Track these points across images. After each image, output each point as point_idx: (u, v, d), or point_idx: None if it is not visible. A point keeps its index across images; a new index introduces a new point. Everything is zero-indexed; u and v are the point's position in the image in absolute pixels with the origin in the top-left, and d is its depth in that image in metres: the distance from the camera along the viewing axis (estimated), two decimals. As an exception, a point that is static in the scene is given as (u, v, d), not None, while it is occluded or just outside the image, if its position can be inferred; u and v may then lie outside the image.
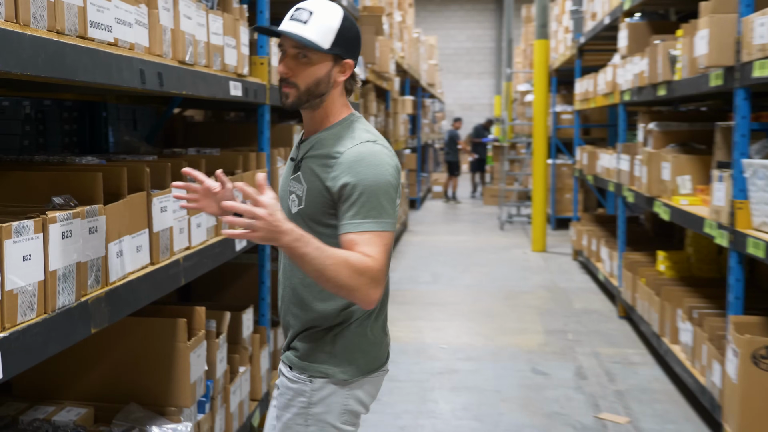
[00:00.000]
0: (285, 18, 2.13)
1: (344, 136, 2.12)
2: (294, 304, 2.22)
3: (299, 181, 2.15)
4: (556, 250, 10.29)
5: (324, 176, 2.08)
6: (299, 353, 2.21)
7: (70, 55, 2.08)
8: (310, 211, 2.11)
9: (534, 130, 10.36)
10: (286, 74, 2.10)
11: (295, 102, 2.12)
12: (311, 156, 2.14)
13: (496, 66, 28.00)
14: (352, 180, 2.03)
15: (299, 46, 2.07)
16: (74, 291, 2.14)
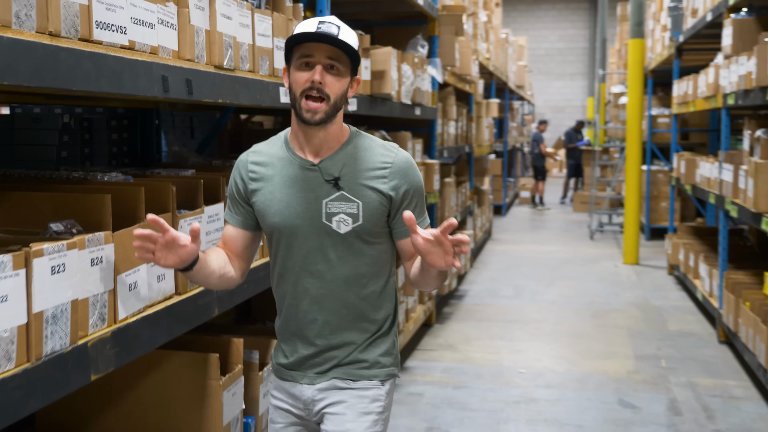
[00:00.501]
0: (305, 29, 2.06)
1: (372, 147, 2.17)
2: (351, 320, 2.19)
3: (346, 200, 2.11)
4: (649, 262, 9.68)
5: (382, 187, 2.12)
6: (368, 363, 2.22)
7: (66, 60, 1.79)
8: (369, 225, 2.12)
9: (628, 134, 9.78)
10: (321, 83, 2.04)
11: (324, 117, 2.07)
12: (353, 172, 2.12)
13: (589, 67, 27.17)
14: (409, 185, 2.15)
15: (335, 56, 2.06)
16: (68, 333, 1.85)
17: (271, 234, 2.17)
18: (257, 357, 3.02)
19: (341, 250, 2.12)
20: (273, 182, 2.15)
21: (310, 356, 2.19)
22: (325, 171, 2.11)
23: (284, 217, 2.12)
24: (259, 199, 2.16)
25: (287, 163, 2.14)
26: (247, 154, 2.22)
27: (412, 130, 6.27)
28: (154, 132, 3.95)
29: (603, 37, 20.21)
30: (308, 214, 2.11)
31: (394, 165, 2.13)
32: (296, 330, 2.20)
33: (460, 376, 5.30)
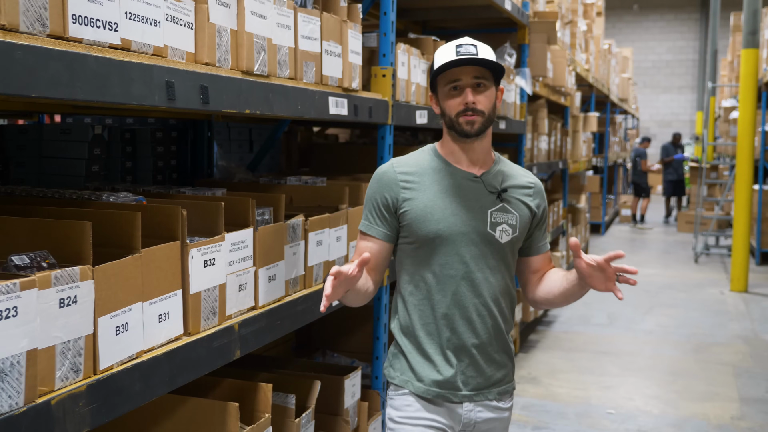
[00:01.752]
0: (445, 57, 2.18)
1: (515, 168, 2.35)
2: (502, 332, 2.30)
3: (507, 211, 2.25)
4: (760, 290, 8.91)
5: (531, 204, 2.29)
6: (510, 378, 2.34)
7: (23, 60, 1.47)
8: (520, 237, 2.28)
9: (738, 150, 9.07)
10: (473, 102, 2.17)
11: (481, 128, 2.20)
12: (510, 187, 2.28)
13: (698, 80, 26.01)
14: (545, 207, 2.35)
15: (479, 74, 2.18)
16: (22, 391, 1.53)
17: (429, 242, 2.22)
18: (293, 402, 2.66)
19: (498, 260, 2.25)
20: (430, 191, 2.23)
21: (467, 369, 2.24)
22: (487, 183, 2.25)
23: (449, 224, 2.20)
24: (415, 206, 2.22)
25: (445, 174, 2.25)
26: (391, 165, 2.30)
27: (497, 145, 5.84)
28: (205, 144, 3.66)
29: (714, 48, 19.20)
30: (474, 223, 2.22)
31: (536, 186, 2.33)
32: (449, 345, 2.23)
33: (542, 415, 4.83)
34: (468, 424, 2.25)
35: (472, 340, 2.23)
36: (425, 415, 2.25)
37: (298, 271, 2.67)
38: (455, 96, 2.19)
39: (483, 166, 2.27)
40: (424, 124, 3.76)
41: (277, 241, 2.52)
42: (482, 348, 2.24)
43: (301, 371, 3.18)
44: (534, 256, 2.35)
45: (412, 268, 2.27)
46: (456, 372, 2.23)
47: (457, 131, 2.20)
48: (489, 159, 2.30)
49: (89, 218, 1.81)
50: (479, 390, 2.26)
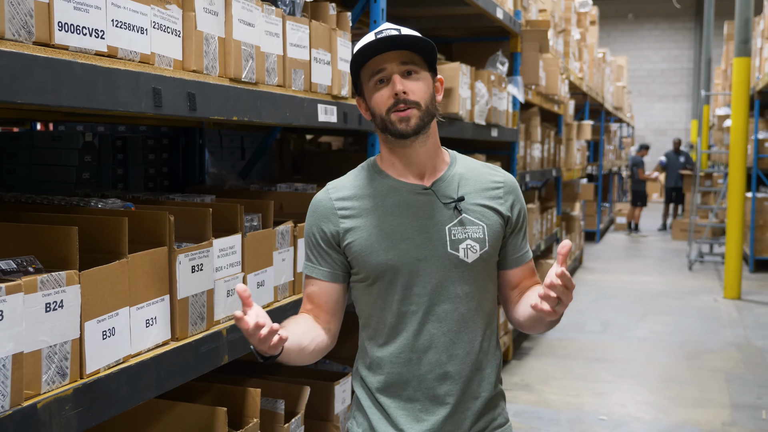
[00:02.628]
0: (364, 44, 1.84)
1: (477, 166, 1.96)
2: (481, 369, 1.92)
3: (470, 223, 1.87)
4: (753, 297, 8.94)
5: (500, 208, 1.91)
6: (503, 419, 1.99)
7: (8, 67, 1.49)
8: (493, 250, 1.91)
9: (731, 158, 9.11)
10: (404, 92, 1.80)
11: (420, 124, 1.82)
12: (469, 193, 1.89)
13: (693, 88, 26.09)
14: (521, 206, 1.96)
15: (408, 60, 1.83)
16: (8, 394, 1.55)
17: (381, 276, 1.87)
18: (283, 406, 2.67)
19: (468, 284, 1.88)
20: (374, 215, 1.88)
21: (445, 420, 1.88)
22: (440, 193, 1.88)
23: (401, 252, 1.85)
24: (359, 237, 1.87)
25: (389, 191, 1.89)
26: (326, 192, 1.94)
27: (489, 153, 5.87)
28: (197, 152, 3.69)
29: (708, 56, 19.27)
30: (430, 245, 1.85)
31: (506, 184, 1.94)
32: (419, 391, 1.88)
33: (534, 422, 4.84)
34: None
35: (445, 388, 1.88)
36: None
37: (287, 277, 2.69)
38: (381, 89, 1.83)
39: (433, 174, 1.90)
40: (414, 131, 3.77)
41: (266, 247, 2.54)
42: (460, 395, 1.89)
43: (291, 377, 3.19)
44: (511, 269, 1.96)
45: (369, 309, 1.93)
46: (428, 430, 1.89)
47: (392, 132, 1.83)
48: (440, 163, 1.92)
49: (77, 224, 1.82)
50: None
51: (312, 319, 1.93)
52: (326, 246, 1.91)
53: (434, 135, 1.90)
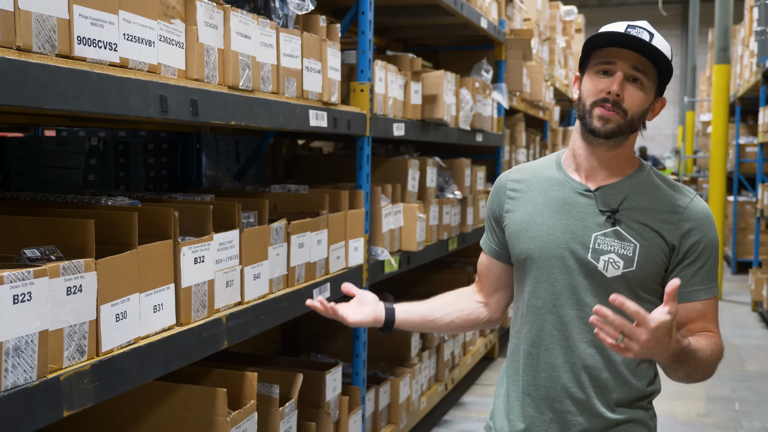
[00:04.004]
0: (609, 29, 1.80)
1: (663, 186, 1.87)
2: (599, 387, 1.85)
3: (622, 238, 1.81)
4: (733, 297, 9.18)
5: (667, 234, 1.81)
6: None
7: (36, 77, 1.69)
8: (643, 274, 1.81)
9: (711, 163, 9.35)
10: (617, 94, 1.78)
11: (616, 129, 1.80)
12: (635, 209, 1.83)
13: (680, 95, 26.38)
14: (700, 238, 1.82)
15: (640, 67, 1.79)
16: (35, 366, 1.74)
17: (522, 263, 1.91)
18: (277, 391, 2.87)
19: (601, 298, 1.79)
20: (533, 203, 1.91)
21: (550, 426, 1.88)
22: (601, 200, 1.85)
23: (541, 244, 1.87)
24: (514, 220, 1.93)
25: (555, 184, 1.90)
26: (509, 172, 2.02)
27: (474, 158, 6.07)
28: (194, 156, 3.88)
29: (693, 63, 19.59)
30: (571, 246, 1.84)
31: (687, 211, 1.83)
32: (531, 391, 1.90)
33: (517, 415, 5.04)
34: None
35: (554, 392, 1.86)
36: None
37: (281, 270, 2.88)
38: (602, 78, 1.79)
39: (607, 179, 1.86)
40: (401, 136, 3.98)
41: (262, 242, 2.73)
42: (565, 403, 1.86)
43: (285, 367, 3.38)
44: (686, 300, 1.81)
45: (516, 293, 1.98)
46: (534, 426, 1.90)
47: (586, 124, 1.81)
48: (620, 172, 1.87)
49: (91, 218, 2.02)
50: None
51: (471, 292, 2.07)
52: (494, 222, 2.00)
53: (628, 147, 1.87)
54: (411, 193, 4.22)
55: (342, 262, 3.39)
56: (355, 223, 3.48)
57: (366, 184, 3.64)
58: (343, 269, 3.39)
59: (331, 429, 3.32)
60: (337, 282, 3.28)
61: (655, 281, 1.84)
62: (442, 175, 4.89)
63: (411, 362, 4.44)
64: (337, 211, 3.36)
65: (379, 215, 3.76)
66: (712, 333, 1.84)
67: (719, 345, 1.83)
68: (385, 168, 4.20)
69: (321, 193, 3.31)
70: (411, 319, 1.98)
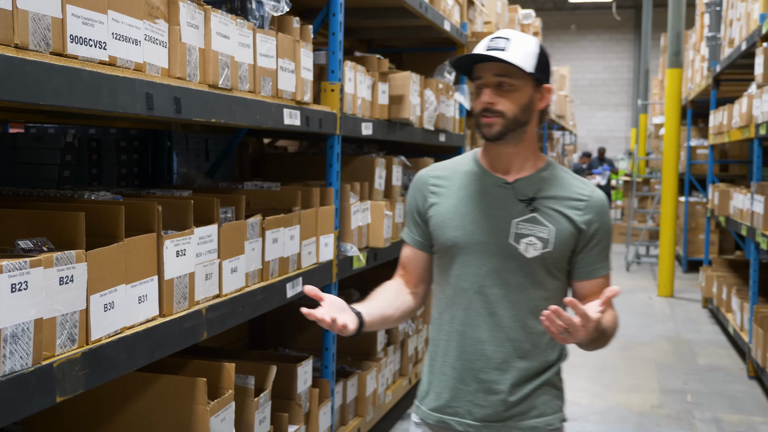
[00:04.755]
0: (478, 50, 2.04)
1: (569, 178, 2.12)
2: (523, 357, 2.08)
3: (539, 222, 2.05)
4: (684, 295, 9.45)
5: (576, 218, 2.06)
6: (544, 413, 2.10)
7: (33, 73, 1.76)
8: (558, 254, 2.06)
9: (664, 164, 9.60)
10: (490, 103, 2.01)
11: (501, 131, 2.02)
12: (548, 197, 2.07)
13: (633, 98, 26.90)
14: (600, 224, 2.08)
15: (502, 73, 2.01)
16: (31, 353, 1.80)
17: (447, 250, 2.11)
18: (252, 382, 2.95)
19: (522, 277, 2.05)
20: (456, 196, 2.12)
21: (473, 397, 2.09)
22: (519, 190, 2.07)
23: (467, 233, 2.07)
24: (438, 212, 2.13)
25: (475, 178, 2.12)
26: (428, 169, 2.22)
27: (437, 156, 6.18)
28: (165, 153, 3.94)
29: (645, 67, 19.99)
30: (494, 232, 2.05)
31: (591, 199, 2.09)
32: (460, 363, 2.10)
33: (479, 408, 5.17)
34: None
35: (480, 363, 2.07)
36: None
37: (256, 265, 2.96)
38: (479, 93, 2.04)
39: (520, 172, 2.09)
40: (369, 135, 4.08)
41: (238, 237, 2.81)
42: (495, 374, 2.06)
43: (255, 361, 3.45)
44: (579, 281, 2.10)
45: (438, 279, 2.18)
46: (459, 397, 2.09)
47: (480, 132, 2.06)
48: (531, 165, 2.10)
49: (80, 211, 2.08)
50: (490, 422, 2.07)
51: (401, 285, 2.22)
52: (417, 216, 2.19)
53: (528, 139, 2.08)
54: (378, 191, 4.32)
55: (313, 257, 3.47)
56: (326, 220, 3.57)
57: (336, 181, 3.73)
58: (314, 264, 3.48)
59: (302, 420, 3.40)
60: (309, 277, 3.37)
61: (565, 260, 2.08)
62: (407, 173, 5.00)
63: (377, 357, 4.53)
64: (309, 207, 3.44)
65: (348, 212, 3.85)
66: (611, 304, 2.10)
67: (616, 317, 2.11)
68: (353, 166, 4.29)
69: (293, 190, 3.39)
70: (373, 320, 2.09)
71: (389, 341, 4.81)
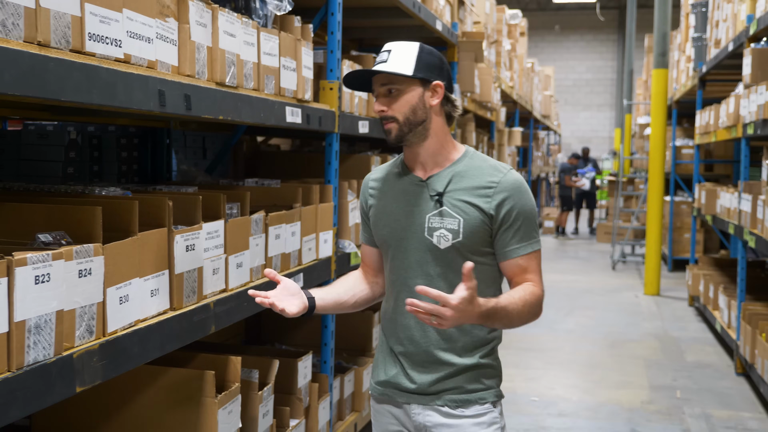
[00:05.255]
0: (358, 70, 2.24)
1: (483, 167, 2.21)
2: (451, 340, 2.21)
3: (448, 215, 2.17)
4: (670, 294, 9.56)
5: (484, 206, 2.15)
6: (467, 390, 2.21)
7: (55, 70, 1.79)
8: (470, 242, 2.16)
9: (650, 164, 9.70)
10: (382, 110, 2.17)
11: (399, 134, 2.17)
12: (457, 189, 2.18)
13: (616, 98, 27.08)
14: (512, 206, 2.15)
15: (386, 81, 2.16)
16: (52, 344, 1.84)
17: (381, 246, 2.31)
18: (257, 376, 2.99)
19: (441, 266, 2.18)
20: (386, 197, 2.29)
21: (407, 374, 2.25)
22: (431, 187, 2.20)
23: (391, 230, 2.25)
24: (373, 212, 2.32)
25: (399, 179, 2.28)
26: (371, 173, 2.40)
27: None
28: (164, 151, 3.97)
29: (630, 67, 20.15)
30: (413, 228, 2.20)
31: (500, 185, 2.16)
32: (395, 346, 2.27)
33: (472, 404, 5.23)
34: (419, 427, 2.25)
35: (409, 346, 2.24)
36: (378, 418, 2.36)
37: (260, 260, 3.01)
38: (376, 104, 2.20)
39: (435, 168, 2.22)
40: (365, 133, 4.13)
41: (244, 233, 2.85)
42: (424, 353, 2.22)
43: (256, 356, 3.50)
44: (500, 261, 2.21)
45: (385, 270, 2.35)
46: (398, 373, 2.26)
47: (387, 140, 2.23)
48: (444, 159, 2.22)
49: (97, 206, 2.12)
50: (424, 394, 2.23)
51: (361, 276, 2.43)
52: (364, 215, 2.39)
53: (434, 135, 2.20)
54: (374, 189, 4.36)
55: (313, 253, 3.52)
56: (325, 217, 3.62)
57: (335, 179, 3.78)
58: (314, 260, 3.53)
59: (302, 414, 3.45)
60: (309, 272, 3.42)
61: (482, 245, 2.18)
62: (401, 172, 5.04)
63: (372, 352, 4.58)
64: (309, 204, 3.49)
65: (346, 209, 3.90)
66: (533, 282, 2.18)
67: (536, 294, 2.16)
68: (348, 164, 4.34)
69: (294, 187, 3.44)
70: (326, 305, 2.29)
71: (384, 337, 4.85)
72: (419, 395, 2.24)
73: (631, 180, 14.73)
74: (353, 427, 4.17)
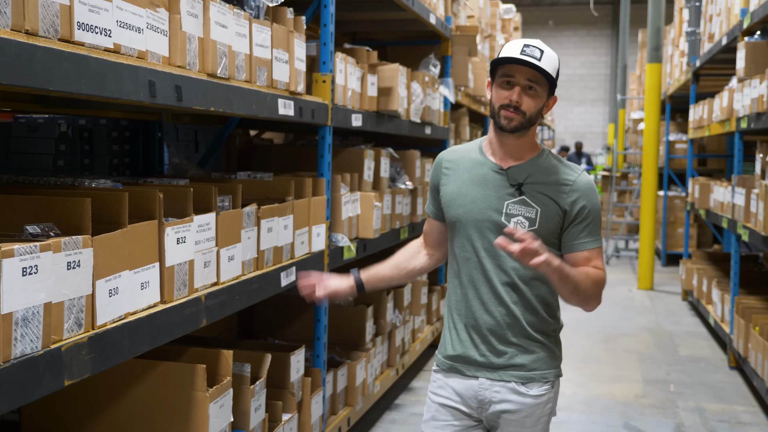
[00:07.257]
0: (508, 52, 2.30)
1: (559, 166, 2.40)
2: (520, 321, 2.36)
3: (527, 204, 2.34)
4: (664, 288, 9.56)
5: (560, 201, 2.34)
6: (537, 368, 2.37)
7: (42, 59, 1.77)
8: (543, 231, 2.33)
9: (644, 159, 9.70)
10: (518, 102, 2.29)
11: (518, 126, 2.32)
12: (536, 183, 2.35)
13: (610, 93, 27.07)
14: (587, 204, 2.35)
15: (533, 79, 2.29)
16: (40, 337, 1.82)
17: (453, 224, 2.44)
18: (249, 370, 2.97)
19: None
20: (461, 179, 2.43)
21: (478, 348, 2.39)
22: (511, 176, 2.37)
23: (467, 211, 2.39)
24: (446, 192, 2.45)
25: (477, 164, 2.42)
26: (445, 153, 2.54)
27: (422, 150, 6.23)
28: (156, 144, 3.94)
29: (624, 63, 20.14)
30: (489, 212, 2.36)
31: (575, 184, 2.36)
32: (467, 322, 2.41)
33: (465, 398, 5.22)
34: (483, 402, 2.39)
35: (484, 320, 2.37)
36: (439, 392, 2.46)
37: (252, 253, 2.98)
38: (506, 89, 2.29)
39: (515, 161, 2.38)
40: (358, 126, 4.11)
41: (235, 226, 2.83)
42: (495, 330, 2.36)
43: (249, 350, 3.48)
44: (568, 253, 2.37)
45: (450, 247, 2.50)
46: (470, 348, 2.40)
47: (496, 122, 2.33)
48: (526, 155, 2.39)
49: (86, 197, 2.09)
50: (494, 369, 2.37)
51: (420, 246, 2.64)
52: (434, 191, 2.53)
53: (531, 136, 2.39)
54: (367, 183, 4.35)
55: (306, 247, 3.50)
56: (318, 210, 3.60)
57: (327, 172, 3.76)
58: (306, 254, 3.50)
59: (295, 408, 3.43)
60: (302, 266, 3.39)
61: (553, 237, 2.36)
62: (394, 165, 5.03)
63: (365, 347, 4.57)
64: (301, 198, 3.47)
65: (339, 203, 3.88)
66: (597, 267, 2.37)
67: (599, 274, 2.36)
68: (342, 158, 4.31)
69: (286, 180, 3.42)
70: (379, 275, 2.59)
71: (377, 332, 4.84)
72: (489, 370, 2.39)
73: (624, 175, 14.72)
74: (346, 421, 4.15)
